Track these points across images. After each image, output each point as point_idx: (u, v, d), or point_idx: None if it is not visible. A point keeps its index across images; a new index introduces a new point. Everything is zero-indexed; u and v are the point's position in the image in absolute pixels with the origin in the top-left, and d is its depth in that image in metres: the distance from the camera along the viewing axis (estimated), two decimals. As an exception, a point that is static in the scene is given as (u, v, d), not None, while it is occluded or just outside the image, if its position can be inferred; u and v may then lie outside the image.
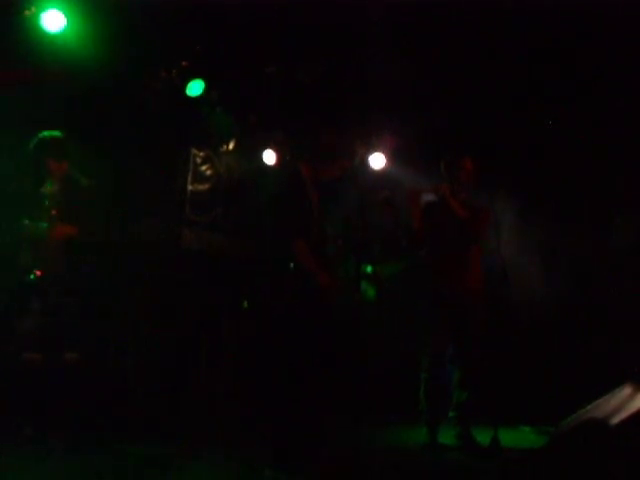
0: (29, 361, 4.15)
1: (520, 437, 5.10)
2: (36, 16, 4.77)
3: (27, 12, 4.84)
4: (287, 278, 3.46)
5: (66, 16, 4.88)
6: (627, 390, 3.00)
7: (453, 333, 4.58)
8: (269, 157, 6.60)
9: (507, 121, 6.19)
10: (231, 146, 6.58)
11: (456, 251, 4.68)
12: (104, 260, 4.92)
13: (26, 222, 4.16)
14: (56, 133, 4.37)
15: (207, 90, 5.82)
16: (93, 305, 4.68)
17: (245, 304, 5.92)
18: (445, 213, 4.68)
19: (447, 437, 4.59)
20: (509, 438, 4.58)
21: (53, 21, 4.91)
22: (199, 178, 6.52)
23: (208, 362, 5.49)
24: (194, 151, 6.46)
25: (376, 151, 6.72)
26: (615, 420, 2.78)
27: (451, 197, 4.67)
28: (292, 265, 3.42)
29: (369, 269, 6.12)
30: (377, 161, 6.74)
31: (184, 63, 5.54)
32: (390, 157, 6.76)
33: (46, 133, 4.35)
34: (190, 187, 6.44)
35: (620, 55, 5.22)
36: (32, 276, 4.05)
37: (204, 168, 6.58)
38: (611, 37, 5.07)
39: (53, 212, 4.22)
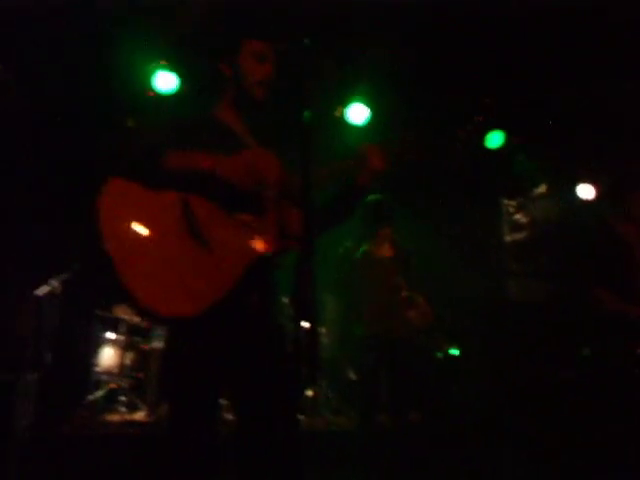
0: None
1: None
2: (344, 113, 5.49)
3: (337, 112, 5.55)
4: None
5: (368, 107, 5.50)
6: None
7: None
8: (585, 191, 6.19)
9: None
10: (543, 189, 6.40)
11: None
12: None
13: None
14: (380, 197, 4.33)
15: (507, 138, 5.82)
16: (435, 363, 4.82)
17: (586, 351, 5.47)
18: None
19: None
20: None
21: (358, 114, 5.56)
22: (515, 227, 6.44)
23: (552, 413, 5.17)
24: (505, 201, 6.43)
25: None
26: None
27: None
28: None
29: None
30: None
31: (479, 118, 5.65)
32: None
33: (372, 197, 4.31)
34: (508, 238, 6.39)
35: None
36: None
37: (519, 216, 6.49)
38: None
39: (400, 281, 4.17)
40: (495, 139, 5.86)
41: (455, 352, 4.60)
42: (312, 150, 1.80)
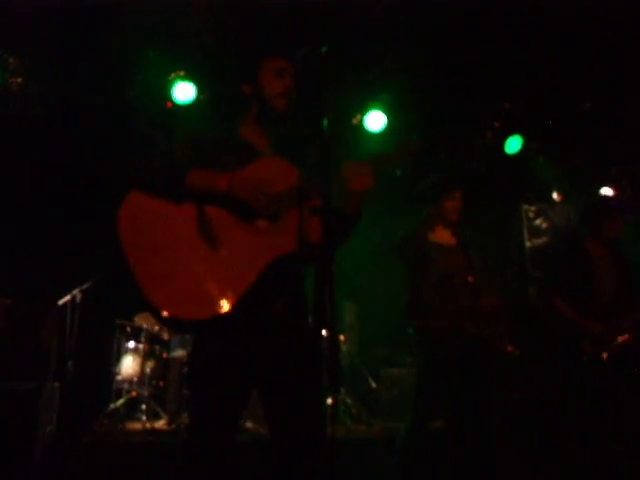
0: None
1: None
2: (362, 121, 5.51)
3: (355, 120, 5.58)
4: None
5: (386, 114, 5.52)
6: None
7: None
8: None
9: None
10: (562, 194, 6.34)
11: None
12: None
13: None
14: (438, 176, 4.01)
15: (526, 143, 5.80)
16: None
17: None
18: None
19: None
20: None
21: (376, 121, 5.58)
22: (535, 233, 6.39)
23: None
24: (525, 206, 6.39)
25: None
26: None
27: None
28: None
29: None
30: None
31: (497, 123, 5.65)
32: None
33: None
34: (528, 243, 6.35)
35: None
36: None
37: (539, 222, 6.44)
38: None
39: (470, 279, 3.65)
40: (514, 144, 5.83)
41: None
42: (331, 158, 1.80)
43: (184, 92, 5.11)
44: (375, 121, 5.52)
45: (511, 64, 4.99)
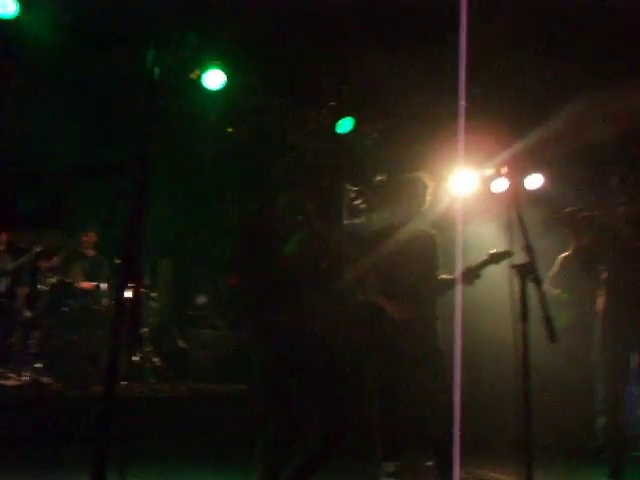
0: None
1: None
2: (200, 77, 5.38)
3: (193, 74, 5.42)
4: None
5: (225, 73, 5.43)
6: None
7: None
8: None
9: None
10: (384, 176, 6.68)
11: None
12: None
13: None
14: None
15: (356, 125, 6.03)
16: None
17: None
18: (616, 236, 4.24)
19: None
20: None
21: (215, 79, 5.47)
22: (354, 212, 6.69)
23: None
24: (348, 186, 6.65)
25: (533, 171, 6.39)
26: None
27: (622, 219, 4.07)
28: None
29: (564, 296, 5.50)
30: (534, 181, 6.41)
31: (332, 103, 5.82)
32: (548, 176, 6.39)
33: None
34: (345, 222, 6.63)
35: None
36: None
37: (358, 202, 6.74)
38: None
39: None
40: (345, 124, 6.03)
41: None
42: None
43: (215, 79, 5.24)
44: (214, 79, 5.40)
45: (352, 44, 5.12)
